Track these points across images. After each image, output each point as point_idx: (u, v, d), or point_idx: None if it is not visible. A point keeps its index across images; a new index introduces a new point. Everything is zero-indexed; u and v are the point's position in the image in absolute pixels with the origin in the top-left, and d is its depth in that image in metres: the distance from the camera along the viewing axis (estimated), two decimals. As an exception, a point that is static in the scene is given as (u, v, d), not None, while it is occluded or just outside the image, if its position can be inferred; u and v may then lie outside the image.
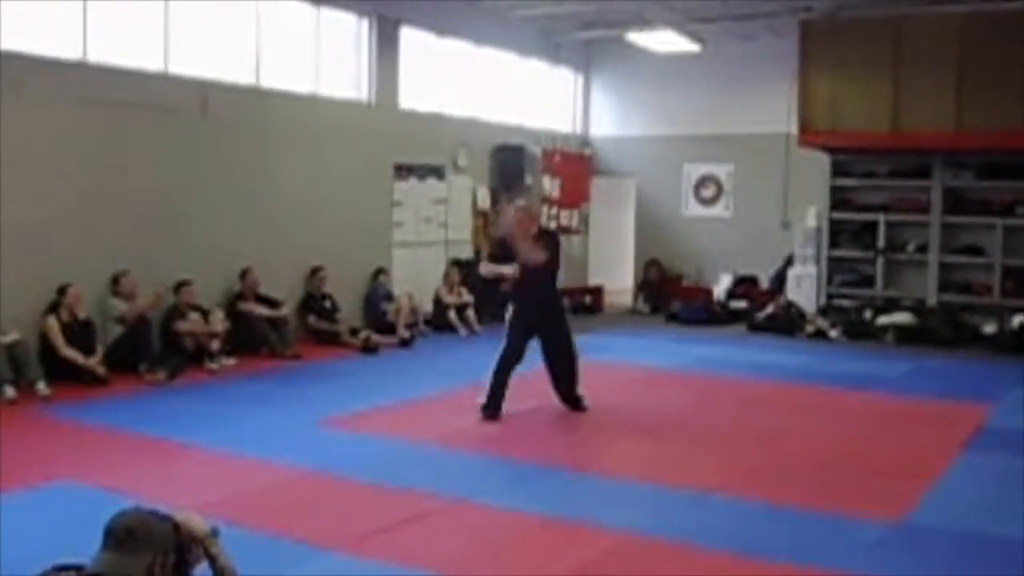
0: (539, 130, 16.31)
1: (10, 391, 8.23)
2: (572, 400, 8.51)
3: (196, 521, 3.18)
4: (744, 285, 15.99)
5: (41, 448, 6.91)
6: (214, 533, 3.20)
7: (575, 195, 16.80)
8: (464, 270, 13.81)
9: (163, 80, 10.31)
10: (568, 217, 16.67)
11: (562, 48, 16.78)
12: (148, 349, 9.64)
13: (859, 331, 13.64)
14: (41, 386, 8.46)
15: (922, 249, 14.30)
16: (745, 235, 16.22)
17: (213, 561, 3.16)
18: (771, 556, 5.05)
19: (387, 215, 13.32)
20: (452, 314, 13.17)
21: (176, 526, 3.09)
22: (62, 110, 9.35)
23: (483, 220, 15.09)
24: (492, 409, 8.21)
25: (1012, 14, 12.79)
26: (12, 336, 8.57)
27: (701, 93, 16.46)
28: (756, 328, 14.33)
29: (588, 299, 16.41)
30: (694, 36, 14.80)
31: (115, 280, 9.65)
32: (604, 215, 17.66)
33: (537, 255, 8.24)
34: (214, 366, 9.96)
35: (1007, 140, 12.77)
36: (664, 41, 15.03)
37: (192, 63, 10.60)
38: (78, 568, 2.95)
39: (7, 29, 8.88)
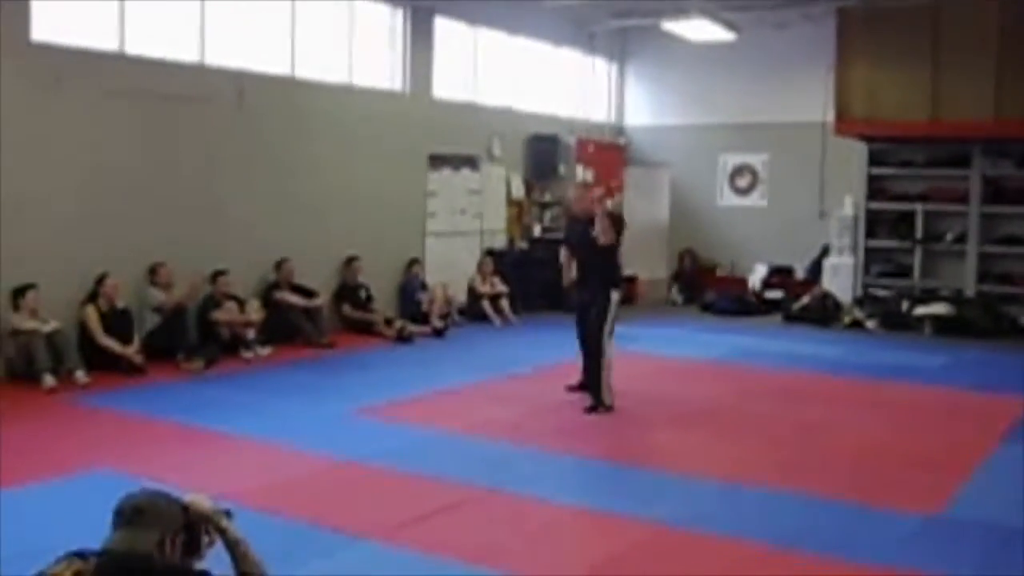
0: (573, 119, 16.28)
1: (50, 379, 8.34)
2: (590, 389, 8.35)
3: (204, 501, 3.24)
4: (779, 275, 15.88)
5: (80, 436, 7.00)
6: (227, 514, 3.26)
7: (608, 185, 16.74)
8: (498, 260, 13.85)
9: (199, 71, 10.38)
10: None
11: (596, 37, 16.72)
12: (185, 338, 9.74)
13: (896, 322, 13.51)
14: (80, 375, 8.57)
15: (960, 239, 14.15)
16: (781, 225, 16.12)
17: (224, 534, 3.21)
18: (805, 548, 5.03)
19: (421, 205, 13.35)
20: (486, 304, 13.19)
21: (185, 507, 3.15)
22: (99, 102, 9.44)
23: (517, 210, 15.09)
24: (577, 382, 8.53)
25: (1053, 0, 12.62)
26: (52, 325, 8.69)
27: (736, 82, 16.36)
28: (791, 318, 14.24)
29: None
30: (729, 24, 14.69)
31: (152, 271, 9.75)
32: (638, 205, 17.57)
33: (605, 235, 8.22)
34: (250, 355, 10.04)
35: (1048, 128, 12.61)
36: (699, 29, 14.93)
37: (228, 54, 10.66)
38: (94, 553, 3.02)
39: (45, 21, 8.97)
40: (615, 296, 8.30)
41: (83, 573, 2.91)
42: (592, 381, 8.31)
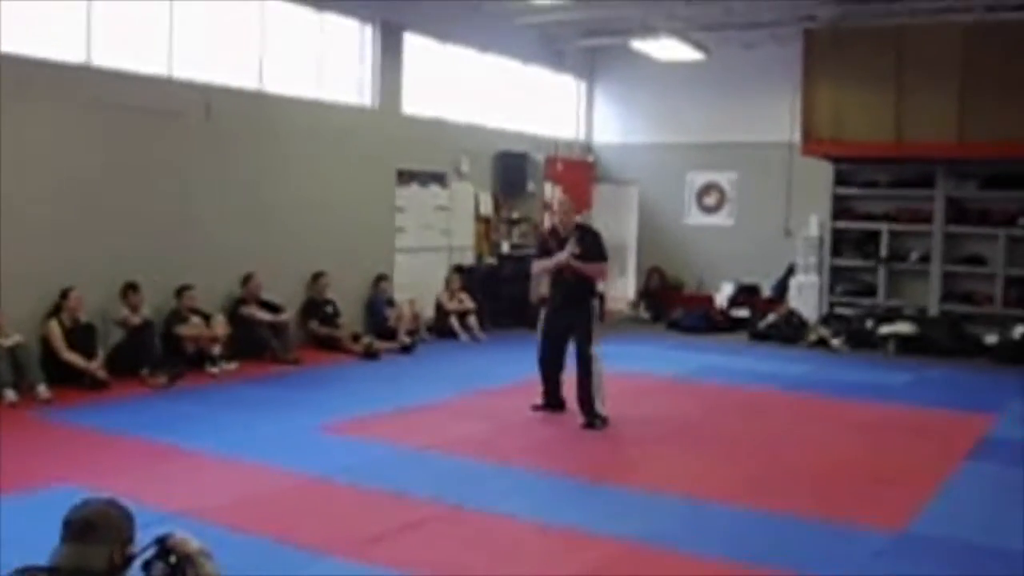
0: (542, 137, 16.31)
1: (11, 394, 8.23)
2: (583, 410, 8.30)
3: (191, 541, 3.21)
4: (746, 293, 15.97)
5: (41, 452, 6.91)
6: (207, 554, 3.23)
7: (578, 202, 16.71)
8: (466, 276, 13.84)
9: (167, 84, 10.33)
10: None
11: (565, 55, 16.79)
12: (149, 353, 9.64)
13: (861, 340, 13.62)
14: (42, 389, 8.46)
15: (924, 259, 14.29)
16: (747, 243, 16.22)
17: (199, 569, 3.19)
18: (771, 565, 5.04)
19: (389, 221, 13.32)
20: (454, 320, 13.18)
21: (163, 541, 3.14)
22: (65, 113, 9.37)
23: (485, 226, 15.10)
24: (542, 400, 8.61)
25: (1014, 25, 12.80)
26: (14, 339, 8.57)
27: (704, 101, 16.47)
28: (758, 336, 14.33)
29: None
30: (697, 44, 14.81)
31: (124, 293, 9.65)
32: (606, 223, 17.64)
33: (570, 250, 8.26)
34: (215, 371, 9.96)
35: (1010, 150, 12.78)
36: (667, 49, 15.04)
37: (196, 68, 10.61)
38: (43, 569, 2.98)
39: (11, 32, 8.88)
40: (594, 308, 8.35)
41: None
42: (586, 398, 8.27)
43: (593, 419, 8.20)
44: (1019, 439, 8.29)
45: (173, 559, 3.15)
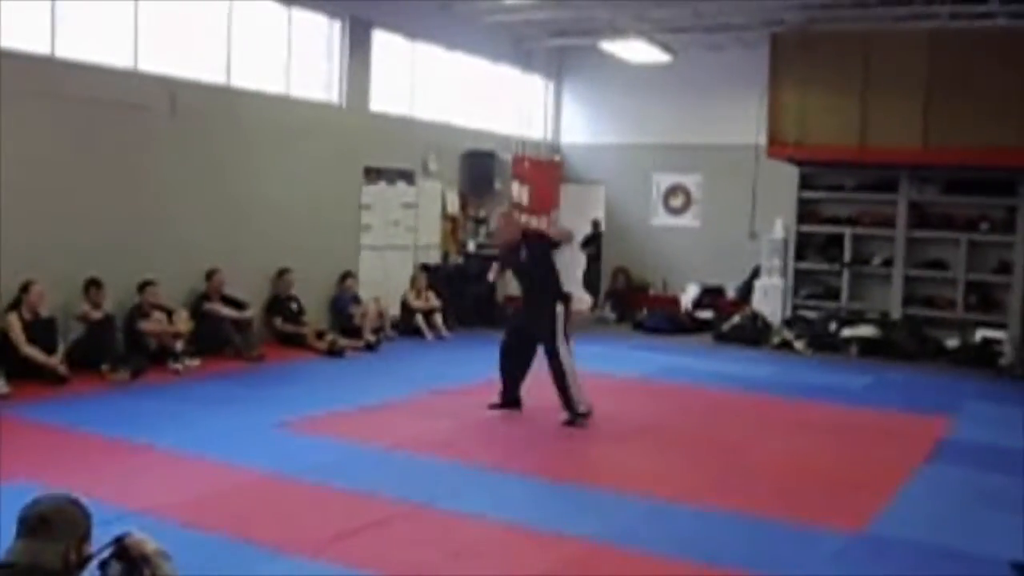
0: (509, 136, 16.32)
1: (-31, 389, 8.12)
2: (565, 408, 8.33)
3: (148, 542, 3.18)
4: (711, 295, 16.06)
5: (-1, 447, 6.82)
6: (165, 555, 3.20)
7: (544, 202, 16.81)
8: (432, 275, 13.81)
9: (132, 77, 10.22)
10: (536, 224, 16.66)
11: (534, 55, 16.81)
12: (111, 348, 9.54)
13: (824, 343, 13.73)
14: (0, 384, 8.35)
15: (887, 263, 14.42)
16: (713, 245, 16.32)
17: (156, 571, 3.16)
18: (733, 566, 5.06)
19: (356, 218, 13.27)
20: (419, 319, 13.14)
21: (121, 540, 3.10)
22: (28, 105, 9.23)
23: (452, 225, 15.08)
24: (500, 399, 8.60)
25: (979, 32, 12.96)
26: (-28, 333, 8.47)
27: (672, 103, 16.55)
28: (722, 338, 14.40)
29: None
30: (665, 46, 14.87)
31: (86, 288, 9.55)
32: (573, 223, 17.64)
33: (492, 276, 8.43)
34: (178, 366, 9.87)
35: (972, 157, 12.90)
36: (635, 50, 15.09)
37: (162, 60, 10.52)
38: None
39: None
40: (559, 309, 8.35)
41: None
42: (562, 396, 8.30)
43: (575, 416, 8.23)
44: (977, 441, 8.40)
45: (128, 559, 3.11)
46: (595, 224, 16.72)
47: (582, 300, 17.12)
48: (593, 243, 16.70)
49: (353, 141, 12.97)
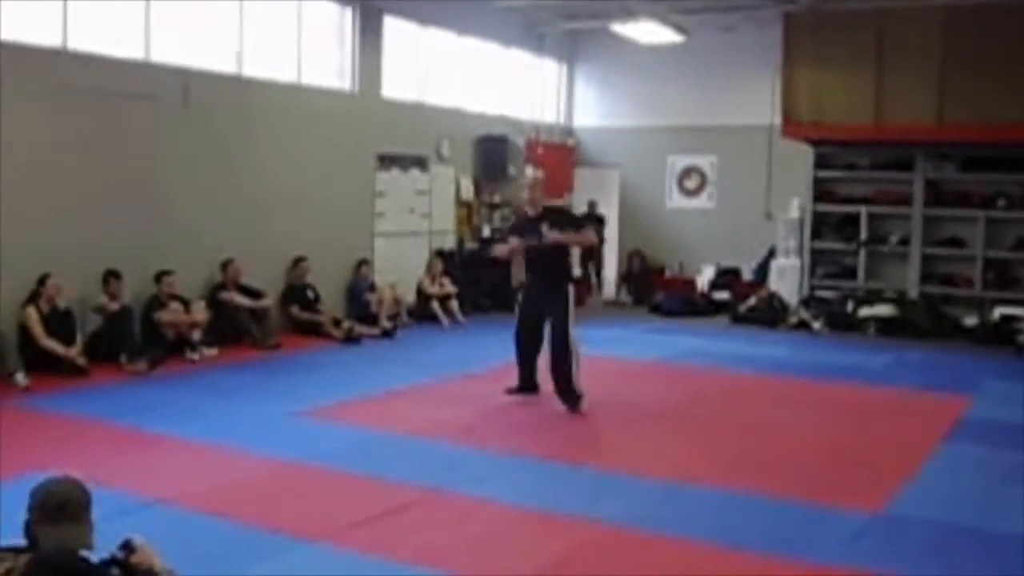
0: (522, 120, 16.29)
1: (-11, 381, 8.18)
2: (563, 395, 8.26)
3: (153, 556, 3.20)
4: (727, 276, 16.02)
5: (20, 439, 6.84)
6: (170, 574, 3.22)
7: (558, 186, 16.77)
8: (447, 261, 13.82)
9: (144, 68, 10.24)
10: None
11: (546, 39, 16.76)
12: (129, 339, 9.59)
13: (841, 323, 13.68)
14: (20, 377, 8.41)
15: (904, 241, 14.35)
16: (728, 226, 16.26)
17: None
18: (752, 547, 5.06)
19: (370, 205, 13.28)
20: (435, 305, 13.15)
21: (128, 544, 3.14)
22: (41, 98, 9.27)
23: (466, 211, 15.07)
24: (517, 384, 8.62)
25: (994, 7, 12.82)
26: (-9, 326, 8.52)
27: (685, 84, 16.48)
28: (739, 319, 14.36)
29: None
30: (677, 27, 14.79)
31: (105, 280, 9.59)
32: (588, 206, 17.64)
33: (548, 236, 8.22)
34: (195, 356, 9.92)
35: (988, 133, 12.82)
36: (648, 32, 15.02)
37: (174, 51, 10.52)
38: (14, 549, 2.97)
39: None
40: (571, 291, 8.32)
41: (13, 571, 2.86)
42: (563, 382, 8.21)
43: (575, 403, 8.18)
44: (996, 420, 8.36)
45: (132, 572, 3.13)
46: (591, 205, 16.43)
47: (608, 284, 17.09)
48: (588, 224, 16.53)
49: (366, 129, 12.97)
